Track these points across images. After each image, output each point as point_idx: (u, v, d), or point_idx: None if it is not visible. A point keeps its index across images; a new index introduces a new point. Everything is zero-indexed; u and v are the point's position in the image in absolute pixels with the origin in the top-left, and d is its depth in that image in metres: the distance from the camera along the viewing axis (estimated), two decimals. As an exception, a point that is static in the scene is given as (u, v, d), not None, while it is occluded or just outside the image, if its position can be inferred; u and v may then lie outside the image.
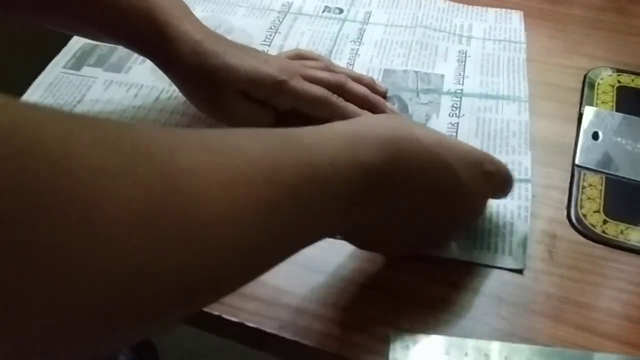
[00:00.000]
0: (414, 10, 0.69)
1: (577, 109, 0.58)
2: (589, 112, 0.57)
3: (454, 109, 0.57)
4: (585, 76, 0.61)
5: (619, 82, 0.61)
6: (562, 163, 0.53)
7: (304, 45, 0.65)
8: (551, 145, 0.54)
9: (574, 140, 0.55)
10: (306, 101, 0.52)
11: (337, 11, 0.70)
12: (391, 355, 0.40)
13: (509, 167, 0.47)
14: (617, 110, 0.58)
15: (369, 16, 0.69)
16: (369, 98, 0.55)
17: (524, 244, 0.46)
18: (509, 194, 0.46)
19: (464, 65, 0.62)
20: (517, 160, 0.52)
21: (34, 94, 0.60)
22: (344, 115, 0.52)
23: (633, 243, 0.47)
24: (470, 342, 0.41)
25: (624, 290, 0.44)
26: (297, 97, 0.51)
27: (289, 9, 0.70)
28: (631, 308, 0.43)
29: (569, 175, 0.52)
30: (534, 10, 0.70)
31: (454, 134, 0.55)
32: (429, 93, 0.58)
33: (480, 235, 0.47)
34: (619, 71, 0.62)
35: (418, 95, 0.58)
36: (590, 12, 0.70)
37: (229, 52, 0.50)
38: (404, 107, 0.57)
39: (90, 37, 0.60)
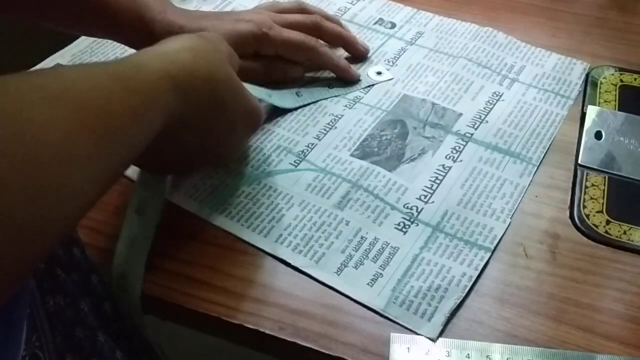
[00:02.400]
0: (467, 40, 0.65)
1: (580, 108, 0.58)
2: (591, 111, 0.57)
3: (454, 151, 0.53)
4: (587, 75, 0.61)
5: (621, 81, 0.60)
6: (564, 162, 0.53)
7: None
8: (554, 144, 0.54)
9: (576, 140, 0.54)
10: (287, 48, 0.57)
11: (390, 25, 0.67)
12: (391, 357, 0.40)
13: (478, 229, 0.47)
14: (619, 110, 0.57)
15: (419, 37, 0.66)
16: (342, 35, 0.62)
17: (447, 313, 0.42)
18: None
19: (491, 108, 0.57)
20: (490, 226, 0.47)
21: (79, 45, 0.65)
22: (321, 61, 0.59)
23: (636, 244, 0.46)
24: (472, 344, 0.41)
25: (627, 291, 0.44)
26: (279, 45, 0.57)
27: (342, 15, 0.69)
28: (634, 309, 0.43)
29: (571, 175, 0.52)
30: (536, 9, 0.69)
31: (441, 177, 0.51)
32: (436, 128, 0.55)
33: (408, 291, 0.43)
34: (622, 70, 0.61)
35: (424, 127, 0.55)
36: (592, 10, 0.69)
37: (209, 25, 0.55)
38: (404, 134, 0.54)
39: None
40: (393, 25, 0.67)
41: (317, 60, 0.59)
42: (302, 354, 0.41)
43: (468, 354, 0.40)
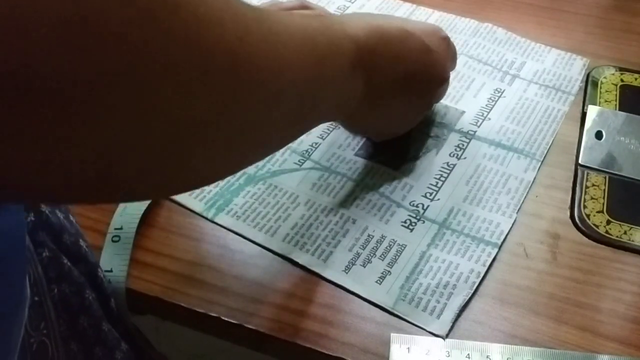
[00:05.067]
0: (467, 36, 0.65)
1: (581, 108, 0.57)
2: (592, 111, 0.57)
3: (457, 149, 0.53)
4: (588, 75, 0.61)
5: (622, 80, 0.60)
6: (565, 162, 0.52)
7: None
8: (554, 144, 0.54)
9: (577, 140, 0.54)
10: None
11: None
12: (391, 357, 0.40)
13: (484, 225, 0.47)
14: (620, 109, 0.57)
15: None
16: None
17: (457, 310, 0.42)
18: None
19: (493, 105, 0.57)
20: (496, 221, 0.47)
21: None
22: None
23: (637, 244, 0.46)
24: (472, 344, 0.41)
25: (627, 291, 0.44)
26: None
27: (342, 13, 0.68)
28: (634, 309, 0.43)
29: (572, 175, 0.51)
30: (536, 8, 0.69)
31: (446, 175, 0.51)
32: (440, 127, 0.55)
33: (417, 288, 0.43)
34: (622, 70, 0.61)
35: (427, 126, 0.55)
36: (593, 10, 0.69)
37: None
38: (407, 133, 0.53)
39: None
40: None
41: None
42: (302, 354, 0.41)
43: (468, 354, 0.40)
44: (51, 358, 0.34)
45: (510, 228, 0.47)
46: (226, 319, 0.42)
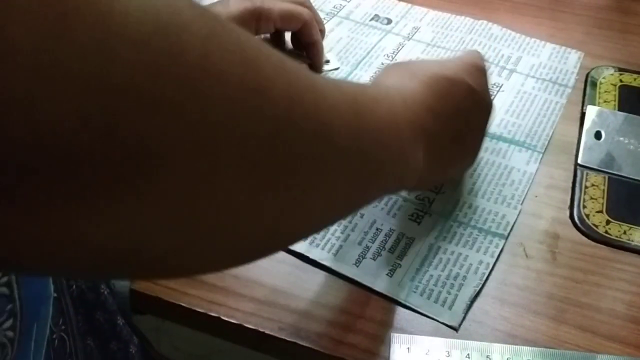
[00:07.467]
0: (463, 33, 0.66)
1: (580, 108, 0.58)
2: (591, 111, 0.57)
3: None
4: (587, 75, 0.61)
5: (621, 81, 0.60)
6: (564, 163, 0.53)
7: (337, 51, 0.63)
8: (554, 144, 0.54)
9: (576, 140, 0.54)
10: (284, 18, 0.56)
11: (386, 21, 0.67)
12: (392, 357, 0.40)
13: (490, 216, 0.48)
14: (619, 110, 0.57)
15: (415, 32, 0.66)
16: (321, 23, 0.61)
17: (468, 301, 0.43)
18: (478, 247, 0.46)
19: (492, 100, 0.59)
20: (502, 213, 0.48)
21: None
22: (312, 32, 0.58)
23: (636, 243, 0.46)
24: (472, 344, 0.41)
25: (627, 291, 0.44)
26: (276, 17, 0.56)
27: (338, 12, 0.69)
28: (634, 309, 0.43)
29: (571, 175, 0.52)
30: (535, 9, 0.69)
31: None
32: None
33: (427, 280, 0.44)
34: (621, 70, 0.61)
35: None
36: (592, 10, 0.69)
37: None
38: None
39: None
40: (389, 21, 0.68)
41: (308, 31, 0.58)
42: (302, 354, 0.41)
43: (468, 354, 0.40)
44: (69, 353, 0.35)
45: (516, 219, 0.47)
46: (226, 319, 0.42)
